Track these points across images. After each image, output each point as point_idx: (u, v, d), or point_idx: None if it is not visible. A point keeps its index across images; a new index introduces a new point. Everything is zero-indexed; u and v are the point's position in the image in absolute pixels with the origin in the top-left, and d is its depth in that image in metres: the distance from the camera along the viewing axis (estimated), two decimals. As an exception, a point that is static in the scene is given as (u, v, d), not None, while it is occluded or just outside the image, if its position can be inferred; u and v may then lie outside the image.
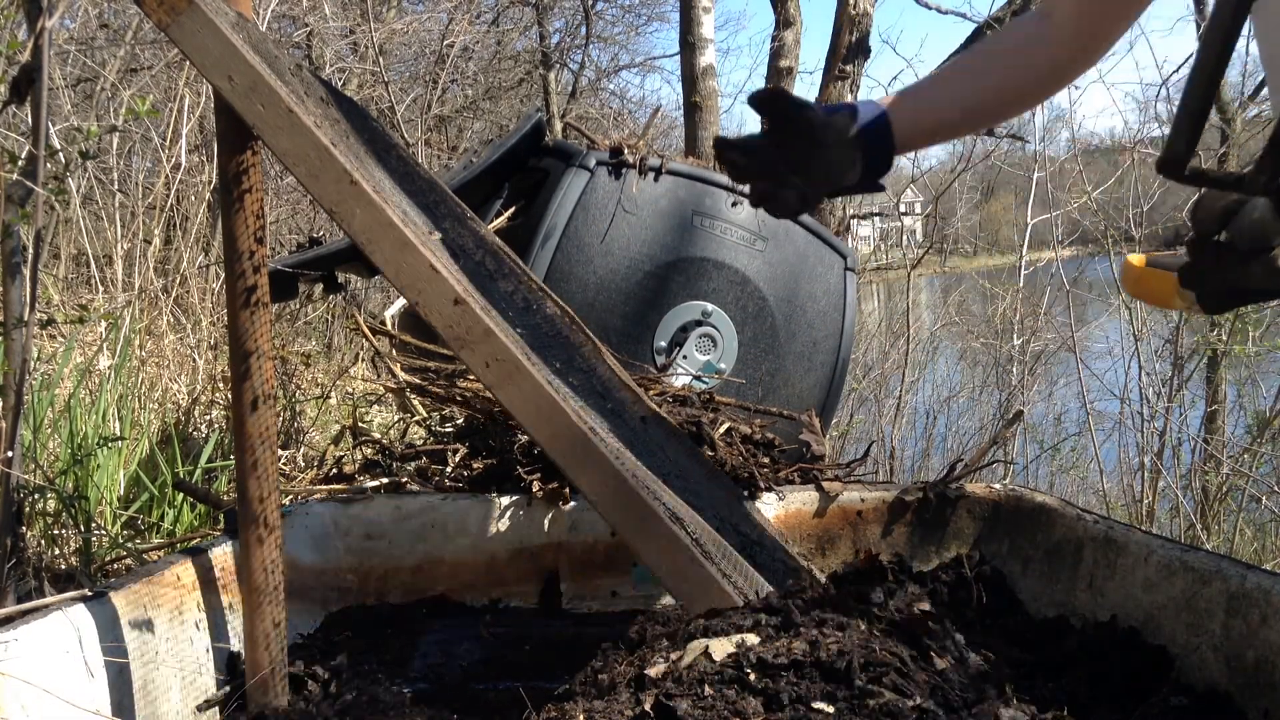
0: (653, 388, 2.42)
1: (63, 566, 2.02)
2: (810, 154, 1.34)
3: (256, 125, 1.21)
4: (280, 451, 2.46)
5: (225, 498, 2.11)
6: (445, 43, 8.03)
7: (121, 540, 2.18)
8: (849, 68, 6.72)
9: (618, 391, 1.92)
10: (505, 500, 2.00)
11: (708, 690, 0.85)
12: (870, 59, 6.92)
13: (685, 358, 2.81)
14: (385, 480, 2.07)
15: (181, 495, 2.24)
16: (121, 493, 2.30)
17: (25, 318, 1.41)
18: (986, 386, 7.76)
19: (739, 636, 0.93)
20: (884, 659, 0.89)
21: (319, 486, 2.11)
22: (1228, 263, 1.10)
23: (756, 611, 1.02)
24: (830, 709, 0.83)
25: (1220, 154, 6.74)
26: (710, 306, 2.84)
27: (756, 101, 1.30)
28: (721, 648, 0.91)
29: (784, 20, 6.81)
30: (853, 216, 7.15)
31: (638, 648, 1.01)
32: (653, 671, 0.90)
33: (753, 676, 0.87)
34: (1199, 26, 6.66)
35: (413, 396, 2.40)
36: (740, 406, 2.51)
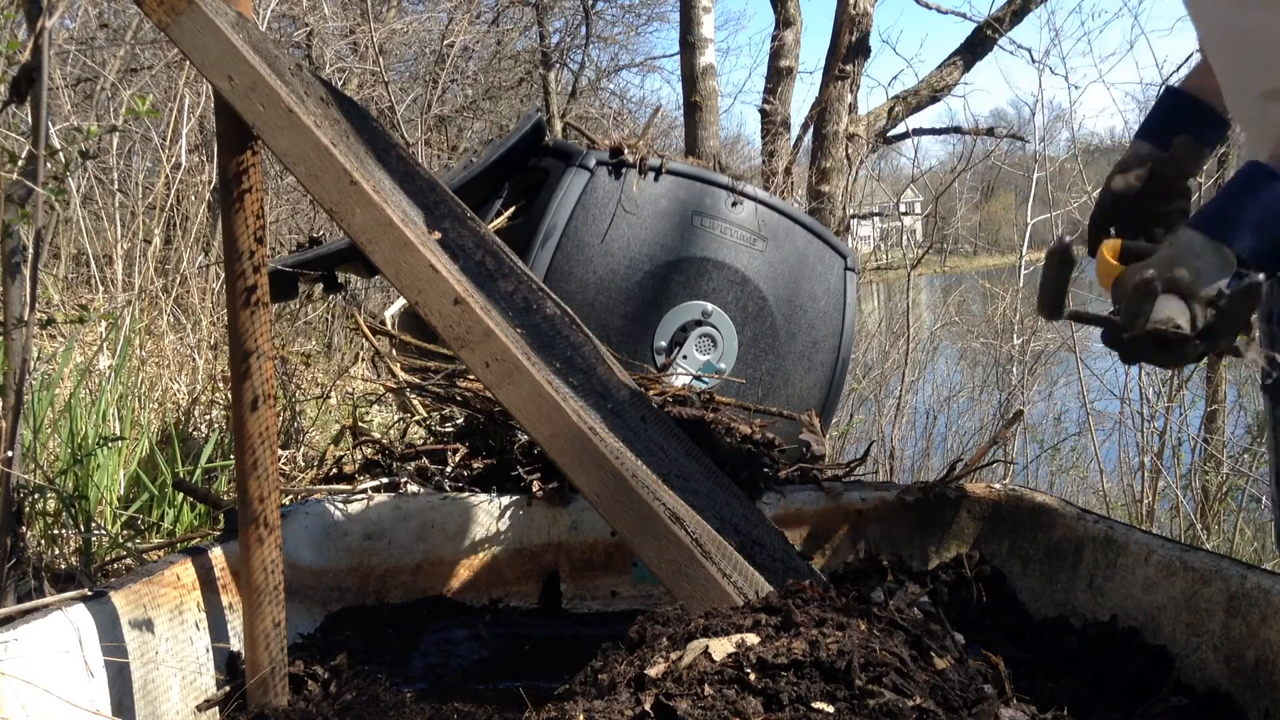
0: (653, 388, 2.42)
1: (63, 566, 2.02)
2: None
3: (256, 125, 1.21)
4: (280, 451, 2.46)
5: (225, 498, 2.11)
6: (445, 43, 8.03)
7: (121, 540, 2.18)
8: (849, 67, 6.73)
9: (618, 391, 1.92)
10: (505, 500, 2.00)
11: (707, 690, 0.85)
12: (870, 59, 6.93)
13: (685, 358, 2.81)
14: (385, 480, 2.07)
15: (181, 495, 2.24)
16: (121, 493, 2.30)
17: (25, 318, 1.41)
18: (986, 386, 7.76)
19: (739, 636, 0.93)
20: (884, 659, 0.88)
21: (319, 486, 2.11)
22: (1142, 347, 1.16)
23: (756, 611, 1.02)
24: (830, 709, 0.82)
25: (1220, 154, 6.73)
26: (710, 306, 2.84)
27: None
28: (721, 647, 0.91)
29: (784, 20, 6.81)
30: (853, 216, 7.15)
31: (637, 647, 1.00)
32: (652, 671, 0.90)
33: (753, 676, 0.86)
34: (1199, 26, 6.65)
35: (413, 396, 2.40)
36: (740, 406, 2.51)
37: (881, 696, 0.83)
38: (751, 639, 0.92)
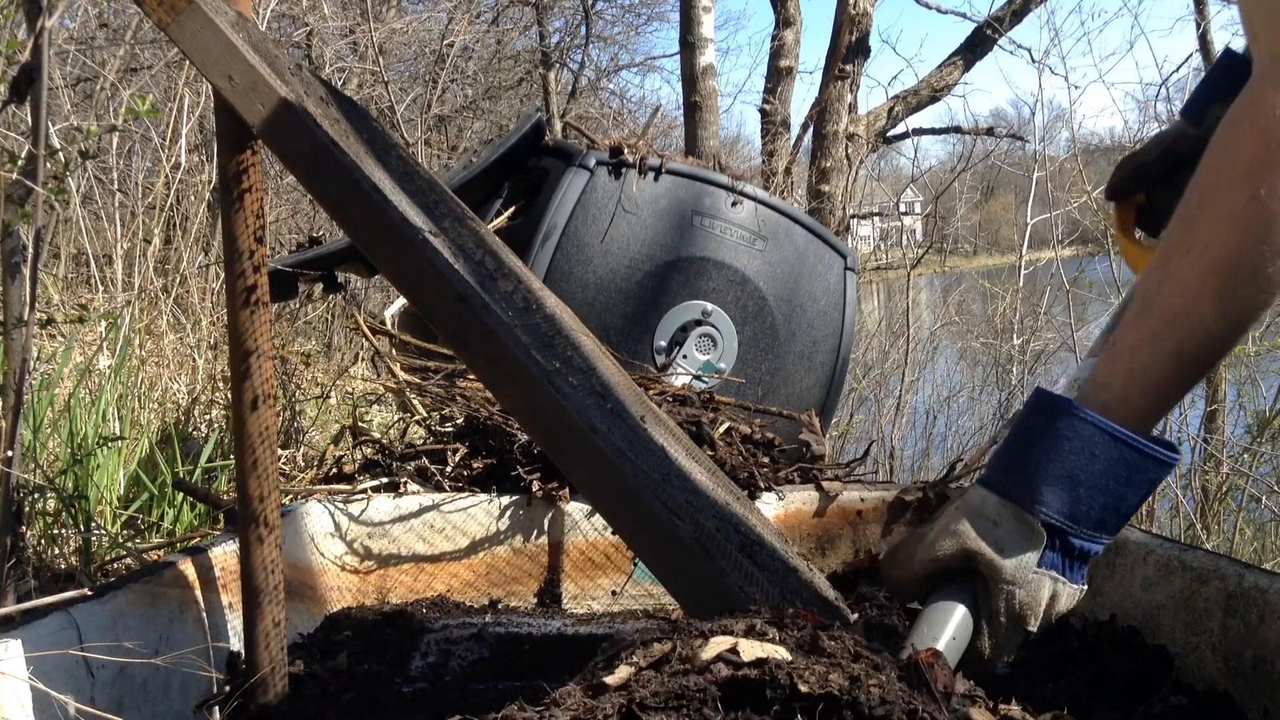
0: (653, 387, 2.42)
1: (63, 566, 2.02)
2: None
3: (256, 125, 1.21)
4: (280, 451, 2.46)
5: (225, 498, 2.11)
6: (445, 42, 8.03)
7: (121, 540, 2.18)
8: (849, 67, 6.73)
9: (618, 391, 1.92)
10: (505, 500, 2.00)
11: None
12: (870, 59, 6.94)
13: (685, 357, 2.81)
14: (385, 480, 2.07)
15: (181, 495, 2.24)
16: (121, 492, 2.30)
17: (25, 317, 1.41)
18: (986, 386, 7.76)
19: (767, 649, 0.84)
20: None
21: (319, 486, 2.11)
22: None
23: (777, 626, 0.89)
24: None
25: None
26: (710, 306, 2.84)
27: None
28: (751, 650, 0.82)
29: (784, 20, 6.81)
30: (853, 216, 7.15)
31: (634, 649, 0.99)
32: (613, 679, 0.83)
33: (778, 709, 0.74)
34: (1199, 26, 6.66)
35: (413, 396, 2.40)
36: (740, 406, 2.51)
37: None
38: (780, 654, 0.83)
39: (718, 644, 0.82)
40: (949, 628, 0.98)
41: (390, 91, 6.10)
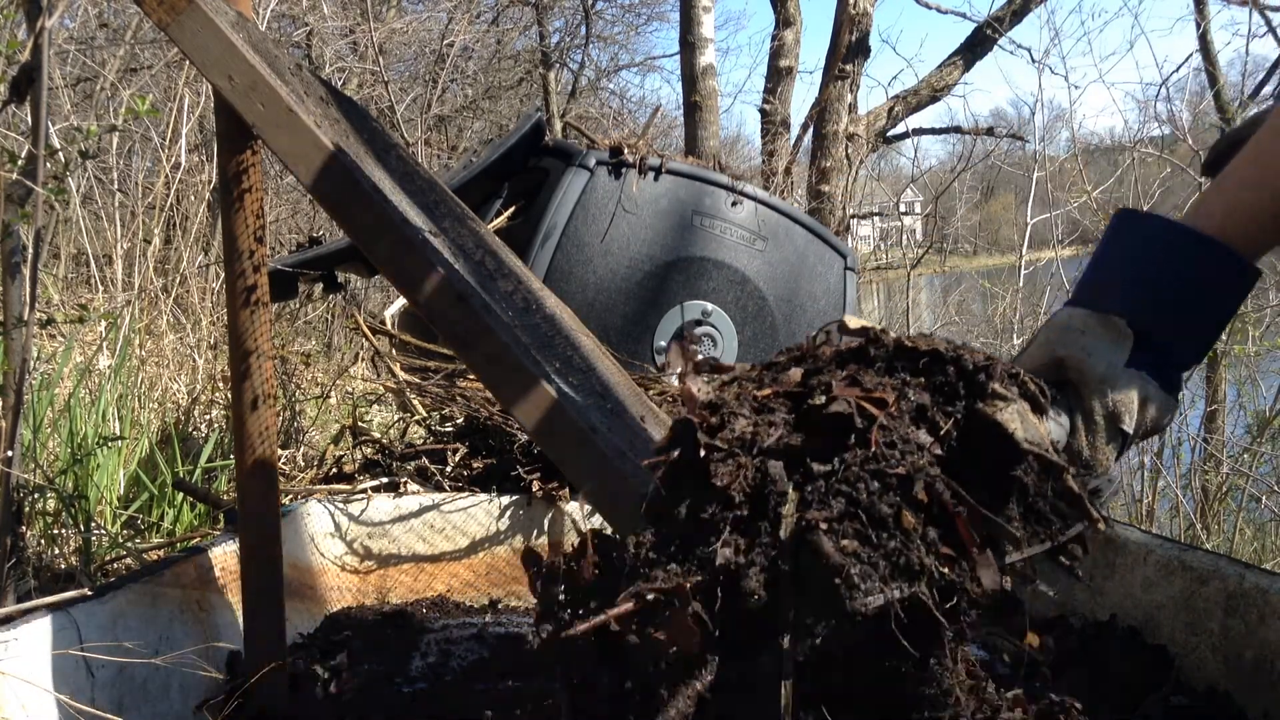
0: (653, 388, 2.42)
1: (63, 566, 2.02)
2: None
3: (256, 125, 1.21)
4: (280, 451, 2.46)
5: (225, 498, 2.11)
6: (445, 42, 8.03)
7: (121, 540, 2.18)
8: (849, 67, 6.73)
9: (618, 391, 1.92)
10: (505, 500, 2.00)
11: None
12: (870, 58, 6.94)
13: (685, 357, 2.81)
14: (385, 480, 2.07)
15: (181, 495, 2.24)
16: (121, 492, 2.30)
17: (25, 317, 1.41)
18: (986, 386, 7.74)
19: None
20: None
21: (319, 486, 2.11)
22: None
23: None
24: None
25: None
26: (710, 306, 2.84)
27: None
28: None
29: (784, 20, 6.81)
30: (853, 216, 7.15)
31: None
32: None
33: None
34: (1199, 26, 6.66)
35: (413, 396, 2.40)
36: (740, 406, 2.50)
37: None
38: None
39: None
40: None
41: (390, 91, 6.10)
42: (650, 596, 0.77)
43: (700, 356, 0.98)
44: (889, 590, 0.74)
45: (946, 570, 0.77)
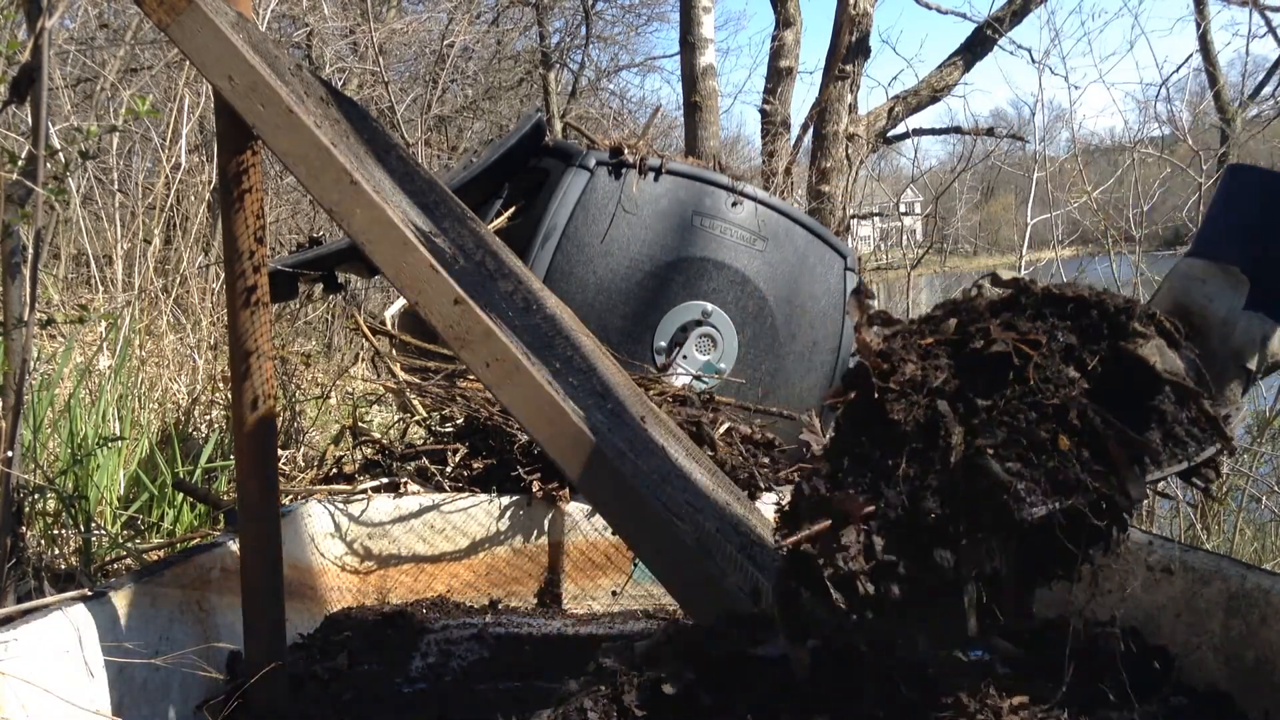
0: (653, 388, 2.42)
1: (63, 566, 2.02)
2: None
3: (256, 125, 1.21)
4: (280, 451, 2.46)
5: (225, 498, 2.11)
6: (445, 43, 8.03)
7: (121, 540, 2.17)
8: (849, 68, 6.72)
9: (618, 391, 1.92)
10: (505, 500, 2.00)
11: None
12: (870, 59, 6.93)
13: (685, 358, 2.81)
14: (385, 480, 2.07)
15: (181, 495, 2.24)
16: (121, 493, 2.30)
17: (25, 318, 1.41)
18: (986, 386, 7.74)
19: None
20: None
21: (319, 486, 2.11)
22: None
23: None
24: None
25: (1220, 153, 6.73)
26: (710, 306, 2.84)
27: None
28: None
29: (784, 20, 6.81)
30: (853, 216, 7.15)
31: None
32: None
33: None
34: (1199, 26, 6.66)
35: (413, 396, 2.40)
36: (740, 406, 2.51)
37: None
38: None
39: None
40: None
41: (390, 92, 6.10)
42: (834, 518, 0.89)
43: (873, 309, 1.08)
44: (1050, 503, 0.87)
45: (1099, 485, 0.89)
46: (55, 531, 2.13)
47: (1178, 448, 0.94)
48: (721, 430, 2.26)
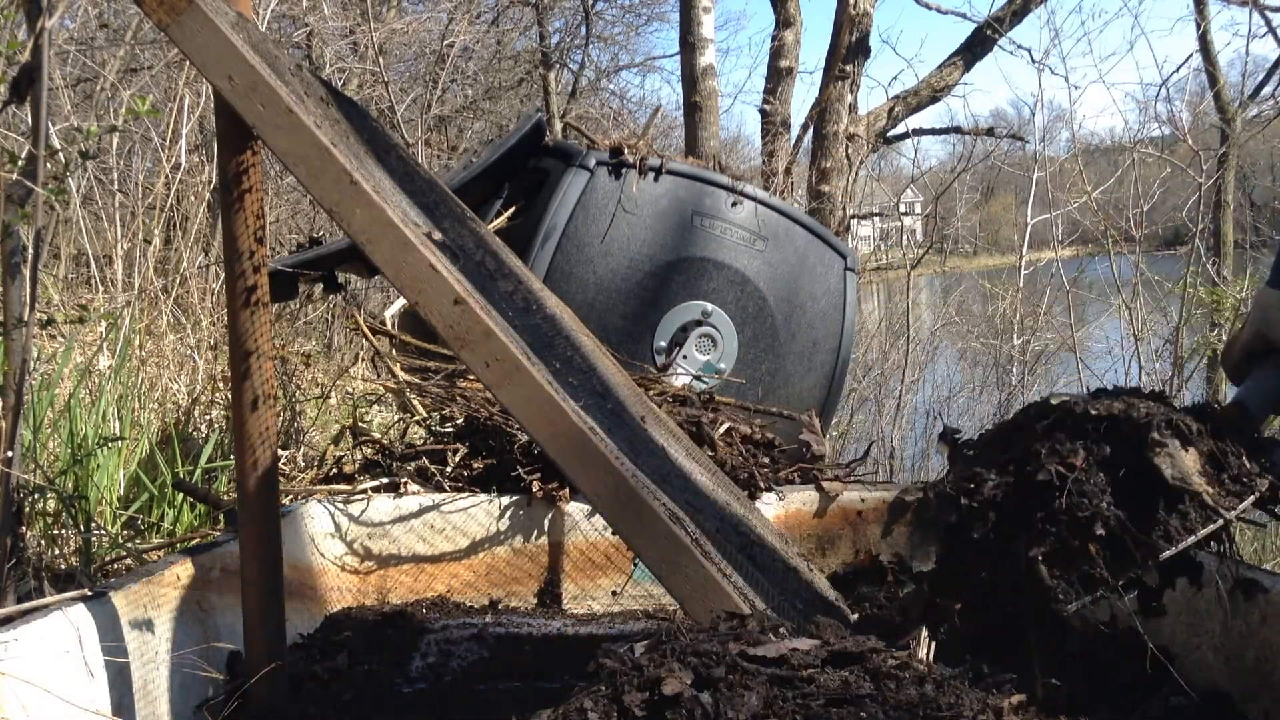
0: (653, 388, 2.42)
1: (63, 566, 2.02)
2: None
3: (256, 125, 1.21)
4: (280, 452, 2.46)
5: (225, 498, 2.11)
6: (445, 43, 8.03)
7: (121, 540, 2.18)
8: (849, 67, 6.72)
9: (618, 391, 1.92)
10: (505, 500, 2.00)
11: None
12: (870, 59, 6.93)
13: (685, 358, 2.81)
14: (385, 480, 2.07)
15: (181, 495, 2.24)
16: (121, 493, 2.30)
17: (25, 318, 1.41)
18: (986, 386, 7.76)
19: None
20: None
21: (319, 486, 2.11)
22: None
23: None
24: None
25: (1220, 153, 6.74)
26: (710, 306, 2.84)
27: None
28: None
29: (784, 20, 6.81)
30: (853, 216, 7.15)
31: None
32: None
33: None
34: (1199, 26, 6.66)
35: (413, 396, 2.40)
36: (740, 406, 2.51)
37: None
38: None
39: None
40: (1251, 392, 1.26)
41: (390, 92, 6.10)
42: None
43: (958, 443, 1.42)
44: (1082, 599, 1.16)
45: (1119, 580, 1.15)
46: (55, 531, 2.13)
47: (1187, 532, 1.13)
48: (721, 430, 2.26)
